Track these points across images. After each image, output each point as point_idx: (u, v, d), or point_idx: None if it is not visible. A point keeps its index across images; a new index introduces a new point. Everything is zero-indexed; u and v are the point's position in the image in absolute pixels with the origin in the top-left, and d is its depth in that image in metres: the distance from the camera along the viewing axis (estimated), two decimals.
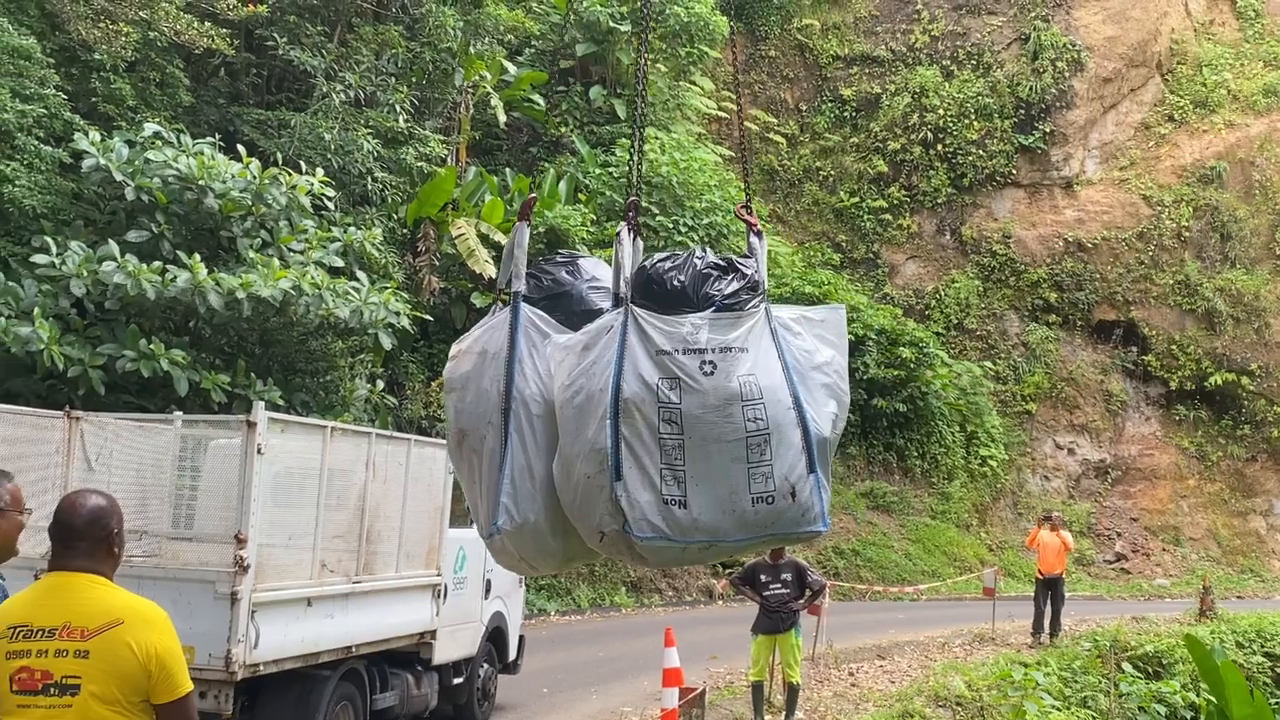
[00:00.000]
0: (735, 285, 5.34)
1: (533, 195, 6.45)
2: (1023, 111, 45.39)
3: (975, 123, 45.19)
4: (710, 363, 5.14)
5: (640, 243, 5.75)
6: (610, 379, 5.17)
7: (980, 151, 45.12)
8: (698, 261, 5.41)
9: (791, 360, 5.31)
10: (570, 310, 5.66)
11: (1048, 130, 45.37)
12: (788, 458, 5.14)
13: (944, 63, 46.21)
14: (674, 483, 5.12)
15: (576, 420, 5.24)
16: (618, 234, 5.55)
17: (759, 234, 5.58)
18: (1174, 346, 43.71)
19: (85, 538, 4.34)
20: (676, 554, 5.34)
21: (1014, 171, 45.35)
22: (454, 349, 5.96)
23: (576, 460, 5.24)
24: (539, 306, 5.71)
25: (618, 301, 5.44)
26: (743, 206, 5.76)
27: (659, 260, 5.48)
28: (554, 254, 6.23)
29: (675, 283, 5.34)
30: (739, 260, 5.47)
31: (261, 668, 9.88)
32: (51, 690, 4.16)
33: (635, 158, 6.27)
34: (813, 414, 5.25)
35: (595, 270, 5.91)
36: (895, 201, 45.24)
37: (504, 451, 5.49)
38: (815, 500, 5.22)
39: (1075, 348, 44.36)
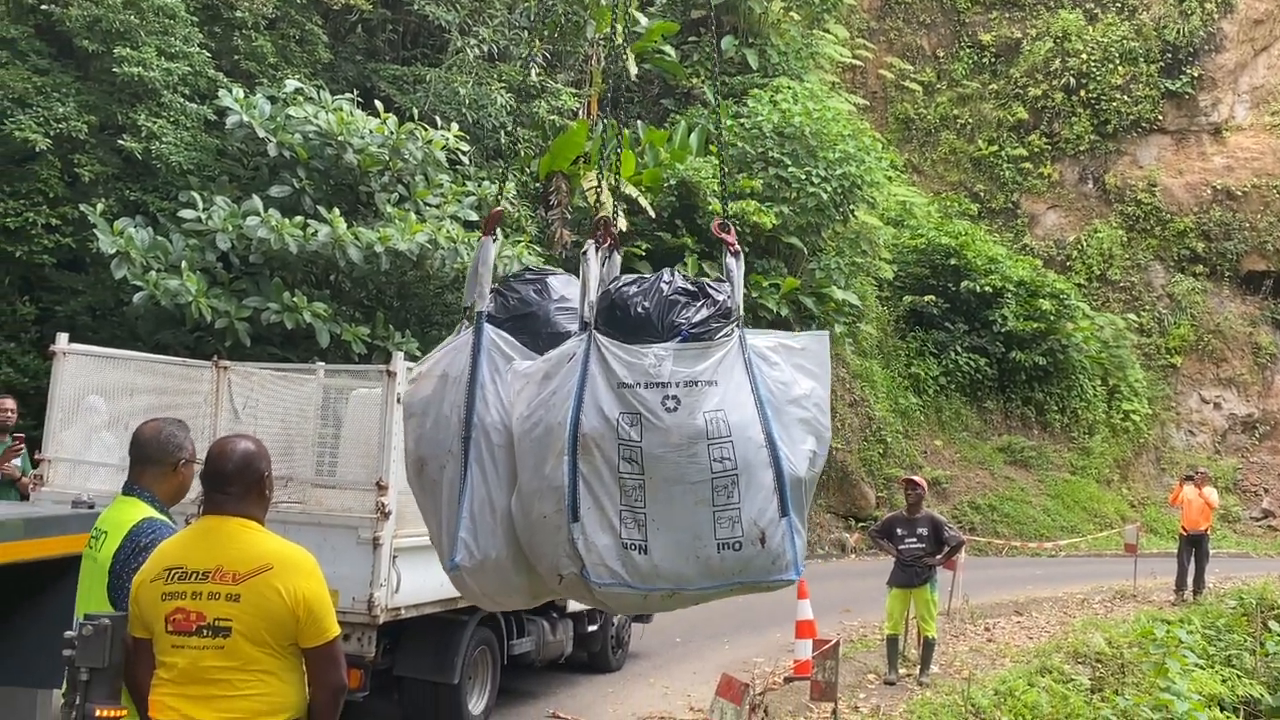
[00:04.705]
0: (705, 313, 4.94)
1: (498, 209, 6.01)
2: (1169, 55, 43.95)
3: (1120, 67, 43.88)
4: (674, 398, 4.76)
5: (618, 257, 5.42)
6: (569, 412, 4.83)
7: (1125, 97, 43.81)
8: (665, 286, 5.02)
9: (766, 394, 4.91)
10: (536, 332, 5.33)
11: (1195, 75, 43.87)
12: (757, 500, 4.79)
13: (1087, 6, 44.92)
14: (634, 526, 4.79)
15: (534, 455, 4.93)
16: (583, 252, 5.14)
17: (736, 254, 5.11)
18: None
19: (236, 482, 4.46)
20: (637, 601, 5.03)
21: (1160, 117, 43.97)
22: (413, 371, 5.59)
23: (534, 498, 4.93)
24: (505, 327, 5.34)
25: (584, 326, 5.05)
26: (719, 224, 5.26)
27: (624, 284, 5.11)
28: (523, 271, 5.91)
29: (639, 309, 4.96)
30: (711, 285, 5.07)
31: (403, 611, 10.05)
32: (205, 631, 4.28)
33: (610, 166, 6.02)
34: (787, 453, 4.87)
35: (565, 289, 5.53)
36: (1035, 149, 44.22)
37: (464, 483, 5.14)
38: (787, 547, 4.90)
39: (1223, 299, 43.01)
